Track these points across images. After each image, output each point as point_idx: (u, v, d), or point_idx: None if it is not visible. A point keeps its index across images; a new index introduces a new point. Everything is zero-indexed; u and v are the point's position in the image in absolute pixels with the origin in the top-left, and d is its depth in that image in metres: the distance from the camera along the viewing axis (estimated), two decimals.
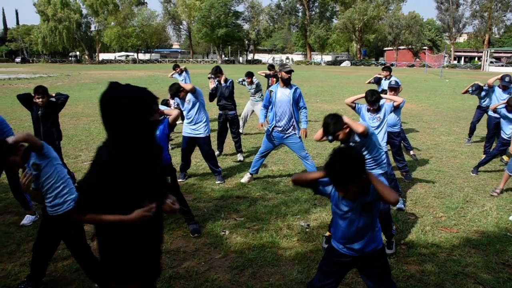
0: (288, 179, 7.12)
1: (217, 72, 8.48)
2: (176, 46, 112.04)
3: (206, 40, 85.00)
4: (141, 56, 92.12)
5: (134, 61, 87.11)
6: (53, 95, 6.41)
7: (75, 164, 7.97)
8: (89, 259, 3.67)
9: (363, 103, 5.65)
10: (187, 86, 6.68)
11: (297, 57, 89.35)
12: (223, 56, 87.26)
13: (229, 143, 9.14)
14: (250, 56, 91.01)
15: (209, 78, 10.96)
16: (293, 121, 6.53)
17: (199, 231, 4.96)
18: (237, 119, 8.66)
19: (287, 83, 6.47)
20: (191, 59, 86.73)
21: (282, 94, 6.47)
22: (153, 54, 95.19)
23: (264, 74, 12.53)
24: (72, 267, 4.18)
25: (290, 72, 6.43)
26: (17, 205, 5.84)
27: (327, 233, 4.73)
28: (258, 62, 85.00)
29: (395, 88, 6.92)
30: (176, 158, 7.77)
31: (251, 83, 10.40)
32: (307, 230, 5.10)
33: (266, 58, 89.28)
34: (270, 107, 6.73)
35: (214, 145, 8.18)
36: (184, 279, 3.99)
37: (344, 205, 2.86)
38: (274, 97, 6.52)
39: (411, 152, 8.40)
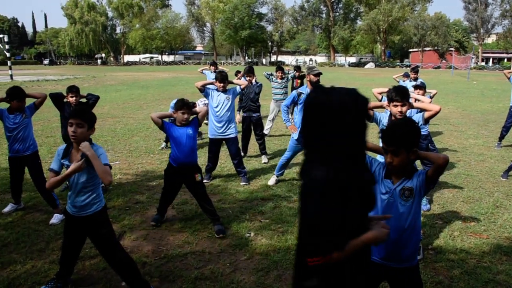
0: None
1: (249, 72, 8.48)
2: (199, 48, 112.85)
3: (230, 41, 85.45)
4: (165, 57, 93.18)
5: (158, 62, 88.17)
6: (85, 95, 6.52)
7: None
8: (117, 257, 3.69)
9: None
10: (241, 83, 6.99)
11: (321, 58, 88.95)
12: (246, 57, 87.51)
13: (253, 145, 9.13)
14: (273, 58, 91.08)
15: (235, 75, 11.03)
16: None
17: (224, 231, 4.97)
18: (261, 121, 8.65)
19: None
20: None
21: None
22: (177, 55, 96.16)
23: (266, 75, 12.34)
24: (99, 266, 4.23)
25: (319, 75, 6.37)
26: (46, 203, 5.96)
27: None
28: (281, 63, 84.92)
29: (421, 87, 6.76)
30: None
31: (281, 78, 10.40)
32: None
33: (289, 59, 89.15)
34: (294, 109, 6.70)
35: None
36: (210, 280, 3.99)
37: (384, 186, 2.73)
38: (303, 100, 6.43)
39: None
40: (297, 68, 12.84)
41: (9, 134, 5.47)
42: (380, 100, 5.07)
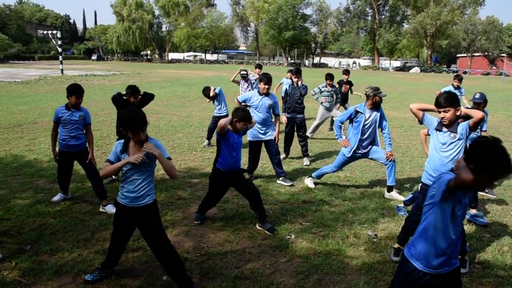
0: (354, 186, 6.99)
1: (297, 73, 8.43)
2: (243, 47, 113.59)
3: (273, 42, 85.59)
4: (209, 56, 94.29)
5: (202, 61, 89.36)
6: (141, 93, 6.66)
7: None
8: (164, 249, 3.75)
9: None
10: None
11: (364, 62, 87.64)
12: (289, 58, 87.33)
13: (295, 147, 9.10)
14: (316, 60, 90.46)
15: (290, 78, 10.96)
16: (375, 140, 6.46)
17: (275, 229, 5.05)
18: (305, 123, 8.58)
19: (378, 106, 6.32)
20: (257, 61, 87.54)
21: (370, 116, 6.30)
22: (220, 55, 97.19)
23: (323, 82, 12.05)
24: (142, 259, 4.32)
25: (381, 98, 6.29)
26: (92, 194, 6.15)
27: (396, 245, 4.58)
28: (324, 65, 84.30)
29: (479, 104, 6.15)
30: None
31: (331, 85, 10.28)
32: (375, 240, 4.96)
33: (332, 62, 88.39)
34: (349, 128, 6.58)
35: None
36: (249, 280, 3.99)
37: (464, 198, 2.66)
38: (363, 119, 6.29)
39: None
40: (346, 72, 12.65)
41: (64, 129, 5.67)
42: (422, 117, 4.69)
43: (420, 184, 4.69)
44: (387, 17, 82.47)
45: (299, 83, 8.37)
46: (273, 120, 7.10)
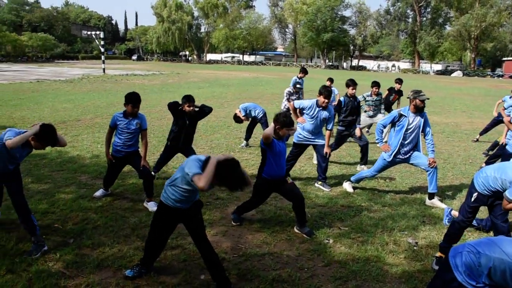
0: (394, 191, 6.84)
1: (355, 84, 8.09)
2: (280, 49, 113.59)
3: (311, 44, 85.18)
4: (246, 57, 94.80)
5: (239, 62, 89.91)
6: (199, 105, 6.70)
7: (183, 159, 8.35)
8: (209, 245, 3.81)
9: None
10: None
11: (404, 65, 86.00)
12: (327, 61, 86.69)
13: (340, 150, 8.99)
14: (354, 62, 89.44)
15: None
16: (417, 145, 6.31)
17: (313, 232, 5.02)
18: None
19: (421, 110, 6.18)
20: (295, 63, 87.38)
21: (413, 120, 6.16)
22: (257, 56, 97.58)
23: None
24: (180, 257, 4.36)
25: (424, 101, 6.11)
26: (133, 191, 6.30)
27: (438, 254, 4.45)
28: (363, 68, 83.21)
29: None
30: None
31: (376, 94, 9.91)
32: (415, 248, 4.84)
33: (371, 64, 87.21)
34: (389, 130, 6.46)
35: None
36: (287, 283, 3.97)
37: None
38: (406, 122, 6.15)
39: None
40: (399, 80, 11.93)
41: (121, 137, 5.78)
42: None
43: (476, 194, 4.45)
44: (428, 19, 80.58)
45: (353, 94, 8.11)
46: (323, 132, 6.96)
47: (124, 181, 6.75)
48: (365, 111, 9.97)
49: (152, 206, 5.61)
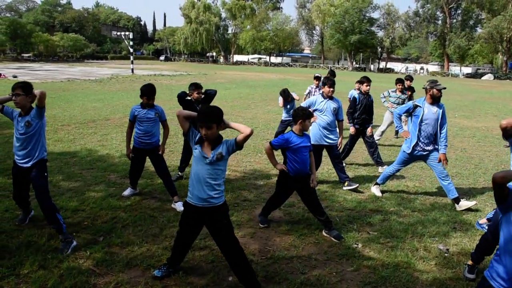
0: (424, 196, 6.71)
1: (369, 81, 8.05)
2: (307, 51, 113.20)
3: (338, 46, 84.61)
4: (273, 59, 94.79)
5: (266, 63, 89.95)
6: (203, 91, 6.81)
7: None
8: (234, 248, 3.77)
9: None
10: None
11: (432, 67, 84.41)
12: (354, 63, 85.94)
13: (361, 153, 8.89)
14: (382, 64, 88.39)
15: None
16: (436, 139, 6.18)
17: (342, 236, 4.96)
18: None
19: (437, 100, 6.09)
20: (321, 65, 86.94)
21: (429, 111, 6.08)
22: (284, 57, 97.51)
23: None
24: (208, 258, 4.36)
25: (441, 91, 6.04)
26: (161, 191, 6.34)
27: (469, 262, 4.33)
28: (390, 70, 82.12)
29: None
30: None
31: (401, 91, 9.97)
32: (446, 255, 4.72)
33: (399, 67, 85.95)
34: (408, 122, 6.39)
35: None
36: (316, 287, 3.93)
37: None
38: (421, 113, 6.08)
39: None
40: (409, 77, 12.07)
41: (141, 127, 5.87)
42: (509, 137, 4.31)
43: None
44: (459, 21, 78.96)
45: (368, 91, 8.09)
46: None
47: (152, 181, 6.82)
48: (388, 108, 9.95)
49: (179, 206, 5.64)
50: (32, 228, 4.88)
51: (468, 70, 78.76)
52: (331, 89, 6.75)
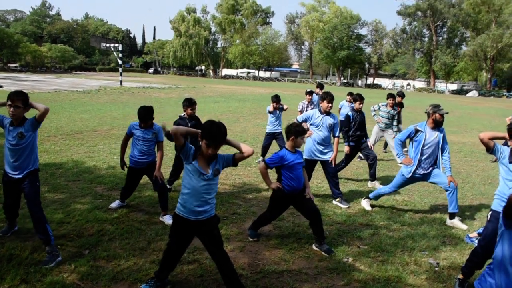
0: (413, 211, 6.70)
1: (362, 99, 8.03)
2: (295, 66, 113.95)
3: (327, 61, 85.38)
4: (262, 73, 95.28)
5: (255, 78, 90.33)
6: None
7: None
8: (227, 258, 3.75)
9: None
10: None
11: (419, 83, 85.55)
12: (342, 78, 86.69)
13: (350, 167, 8.88)
14: (369, 80, 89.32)
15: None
16: (436, 161, 6.18)
17: (332, 251, 4.91)
18: (367, 144, 8.23)
19: (439, 125, 6.10)
20: (310, 80, 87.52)
21: (431, 136, 6.07)
22: (273, 72, 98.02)
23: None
24: (197, 272, 4.28)
25: (443, 115, 6.05)
26: (149, 204, 6.26)
27: (460, 276, 4.31)
28: (378, 86, 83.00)
29: None
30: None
31: (392, 106, 9.98)
32: (436, 269, 4.69)
33: (386, 83, 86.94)
34: (406, 144, 6.38)
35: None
36: None
37: None
38: (423, 138, 6.06)
39: None
40: (401, 94, 11.91)
41: (137, 146, 5.80)
42: (493, 147, 4.26)
43: (490, 212, 4.39)
44: (444, 38, 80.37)
45: (360, 108, 8.06)
46: (331, 141, 6.93)
47: (140, 193, 6.72)
48: (377, 122, 9.95)
49: (167, 219, 5.56)
50: (14, 240, 4.75)
51: (453, 86, 79.95)
52: (330, 104, 6.68)
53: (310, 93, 11.29)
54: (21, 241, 4.74)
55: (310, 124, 6.80)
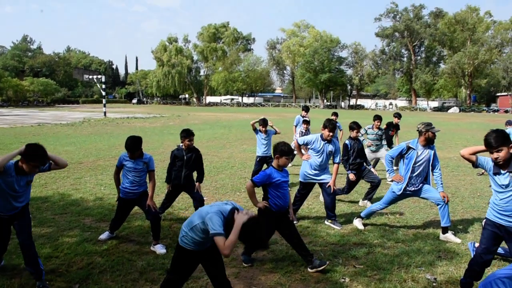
0: (406, 227, 6.67)
1: (359, 127, 7.92)
2: (278, 90, 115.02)
3: (309, 85, 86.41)
4: (245, 99, 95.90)
5: (239, 104, 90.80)
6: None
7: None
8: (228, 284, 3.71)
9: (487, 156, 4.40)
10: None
11: (401, 102, 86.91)
12: (325, 101, 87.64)
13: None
14: (352, 101, 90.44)
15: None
16: (426, 178, 6.22)
17: (325, 262, 4.87)
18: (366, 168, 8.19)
19: (431, 143, 6.15)
20: (293, 104, 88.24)
21: (422, 153, 6.11)
22: (256, 98, 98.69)
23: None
24: None
25: (435, 134, 6.11)
26: (138, 234, 6.14)
27: None
28: (361, 107, 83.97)
29: None
30: None
31: (378, 127, 10.02)
32: (434, 284, 4.65)
33: (369, 103, 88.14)
34: (398, 162, 6.40)
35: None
36: None
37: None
38: (414, 155, 6.09)
39: None
40: (397, 115, 11.90)
41: (128, 176, 5.70)
42: (476, 161, 4.33)
43: (485, 220, 4.40)
44: (423, 58, 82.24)
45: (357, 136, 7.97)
46: (329, 165, 6.88)
47: (129, 223, 6.59)
48: (368, 146, 9.90)
49: (159, 249, 5.44)
50: (0, 278, 4.59)
51: (435, 104, 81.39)
52: (331, 133, 6.62)
53: (307, 122, 11.15)
54: (7, 278, 4.58)
55: (311, 149, 6.77)
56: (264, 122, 9.38)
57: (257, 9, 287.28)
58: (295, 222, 6.39)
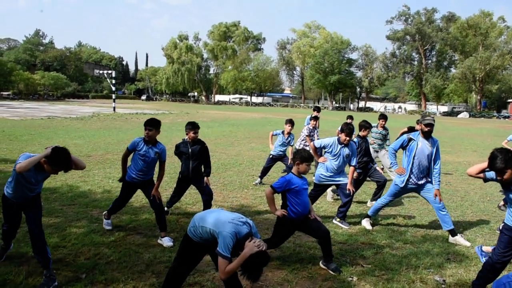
0: (414, 228, 6.62)
1: (368, 127, 7.87)
2: (287, 91, 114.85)
3: (318, 86, 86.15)
4: (254, 99, 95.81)
5: (247, 103, 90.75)
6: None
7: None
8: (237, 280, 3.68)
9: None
10: None
11: (410, 106, 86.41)
12: (334, 102, 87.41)
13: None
14: (361, 104, 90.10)
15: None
16: (429, 173, 6.20)
17: (340, 270, 4.81)
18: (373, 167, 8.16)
19: (427, 136, 6.13)
20: (302, 104, 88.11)
21: (423, 145, 6.10)
22: (265, 97, 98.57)
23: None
24: None
25: (429, 125, 6.05)
26: (146, 227, 6.13)
27: None
28: (369, 109, 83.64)
29: None
30: None
31: (382, 126, 10.01)
32: (443, 286, 4.60)
33: (377, 106, 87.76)
34: (403, 156, 6.37)
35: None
36: None
37: None
38: (415, 147, 6.10)
39: None
40: (383, 116, 11.73)
41: (138, 163, 5.72)
42: (485, 178, 4.43)
43: (502, 225, 4.35)
44: (434, 62, 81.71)
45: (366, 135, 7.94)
46: (354, 176, 6.85)
47: (137, 216, 6.59)
48: (370, 144, 9.85)
49: (167, 242, 5.44)
50: (8, 265, 4.61)
51: (444, 108, 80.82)
52: (347, 138, 6.58)
53: (315, 118, 11.07)
54: (15, 265, 4.60)
55: (327, 152, 6.73)
56: (291, 122, 9.47)
57: (268, 9, 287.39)
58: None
